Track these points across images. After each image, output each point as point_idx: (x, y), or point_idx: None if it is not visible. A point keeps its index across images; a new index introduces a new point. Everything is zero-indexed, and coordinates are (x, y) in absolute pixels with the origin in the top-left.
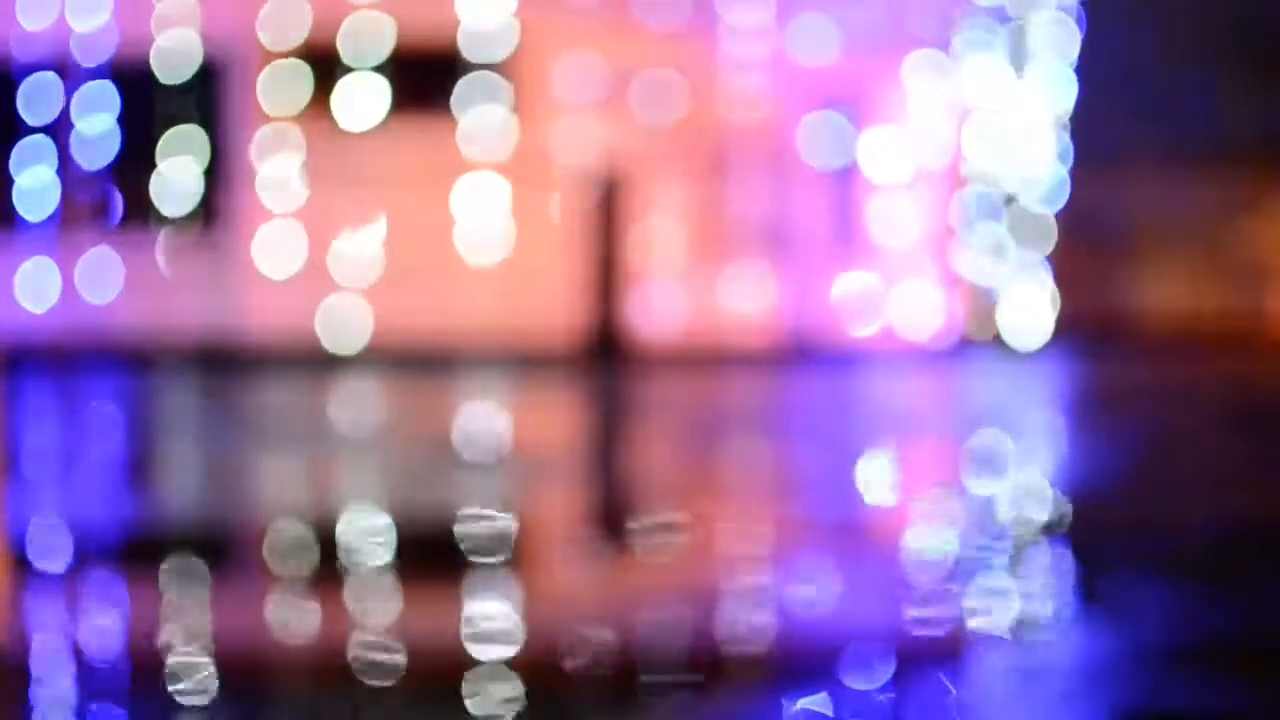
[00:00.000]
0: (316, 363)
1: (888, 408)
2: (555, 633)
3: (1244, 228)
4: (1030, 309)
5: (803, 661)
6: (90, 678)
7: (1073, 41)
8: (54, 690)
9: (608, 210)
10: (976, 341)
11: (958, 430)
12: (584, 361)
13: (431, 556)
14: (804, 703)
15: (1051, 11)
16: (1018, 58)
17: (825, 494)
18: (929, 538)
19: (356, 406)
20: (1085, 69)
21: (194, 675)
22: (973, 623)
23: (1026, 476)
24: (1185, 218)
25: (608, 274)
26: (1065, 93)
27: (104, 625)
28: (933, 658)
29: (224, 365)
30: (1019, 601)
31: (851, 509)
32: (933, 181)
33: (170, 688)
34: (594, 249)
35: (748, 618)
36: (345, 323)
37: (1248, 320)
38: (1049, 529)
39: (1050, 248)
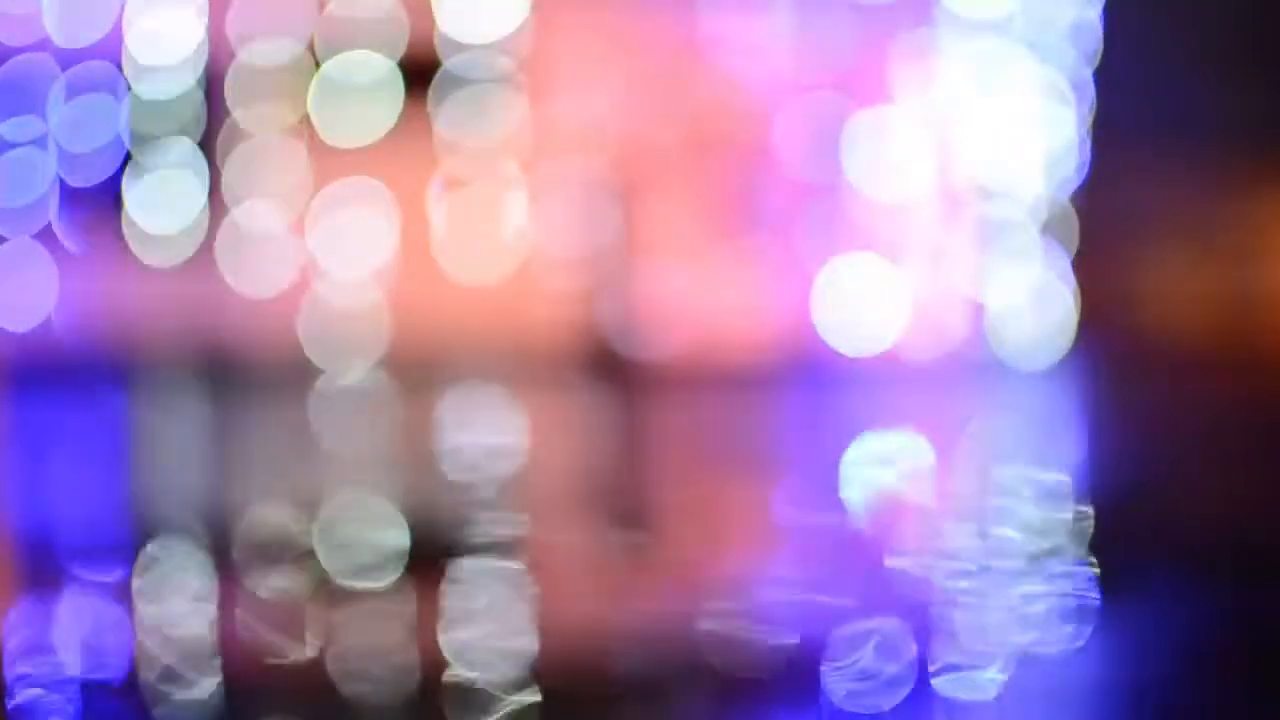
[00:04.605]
0: (312, 374)
1: (895, 418)
2: (557, 643)
3: (1259, 226)
4: (1046, 316)
5: (806, 677)
6: (84, 685)
7: (1091, 38)
8: (48, 696)
9: (610, 215)
10: (988, 349)
11: (970, 441)
12: (586, 368)
13: (430, 568)
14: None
15: (1067, 7)
16: (1030, 54)
17: (831, 505)
18: (941, 552)
19: (353, 418)
20: (1101, 67)
21: (188, 685)
22: (983, 637)
23: (1043, 488)
24: (1198, 214)
25: (610, 280)
26: (1081, 91)
27: (99, 633)
28: (942, 673)
29: (219, 376)
30: (1032, 617)
31: (860, 521)
32: (942, 185)
33: (164, 697)
34: (596, 254)
35: (751, 630)
36: (341, 333)
37: (1262, 319)
38: (1064, 541)
39: (1070, 251)
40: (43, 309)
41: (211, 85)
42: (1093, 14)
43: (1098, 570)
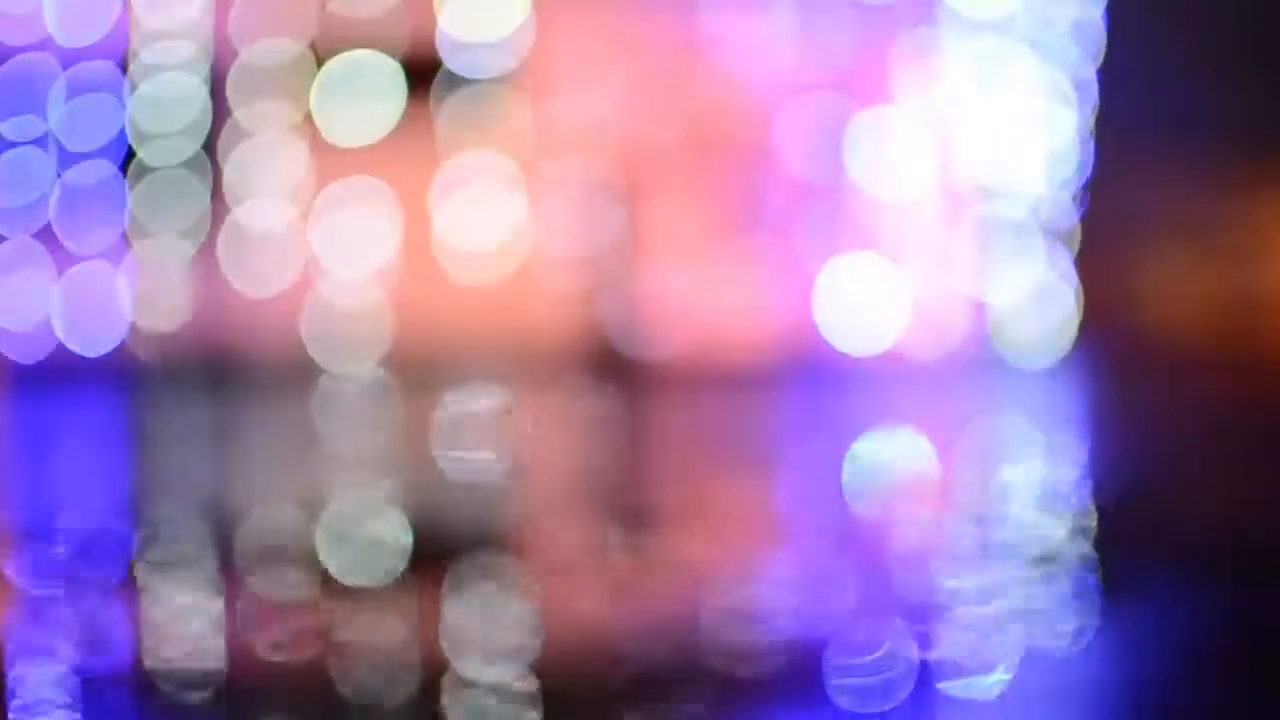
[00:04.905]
0: (314, 373)
1: (896, 417)
2: (557, 643)
3: (1256, 225)
4: (1047, 315)
5: (807, 677)
6: (85, 685)
7: (1093, 37)
8: (49, 696)
9: (612, 215)
10: (990, 348)
11: (971, 440)
12: (587, 368)
13: (431, 566)
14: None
15: (1069, 7)
16: (1032, 53)
17: (832, 504)
18: (942, 551)
19: (355, 417)
20: (1102, 67)
21: (190, 685)
22: (985, 637)
23: (1044, 487)
24: (1199, 214)
25: (612, 279)
26: (1083, 91)
27: (101, 633)
28: (944, 673)
29: (221, 375)
30: (1033, 616)
31: (861, 521)
32: (944, 185)
33: (165, 697)
34: (598, 254)
35: (752, 630)
36: (343, 332)
37: (1262, 319)
38: (1066, 541)
39: (1071, 251)
40: (43, 308)
41: (214, 84)
42: (1095, 13)
43: (1099, 570)
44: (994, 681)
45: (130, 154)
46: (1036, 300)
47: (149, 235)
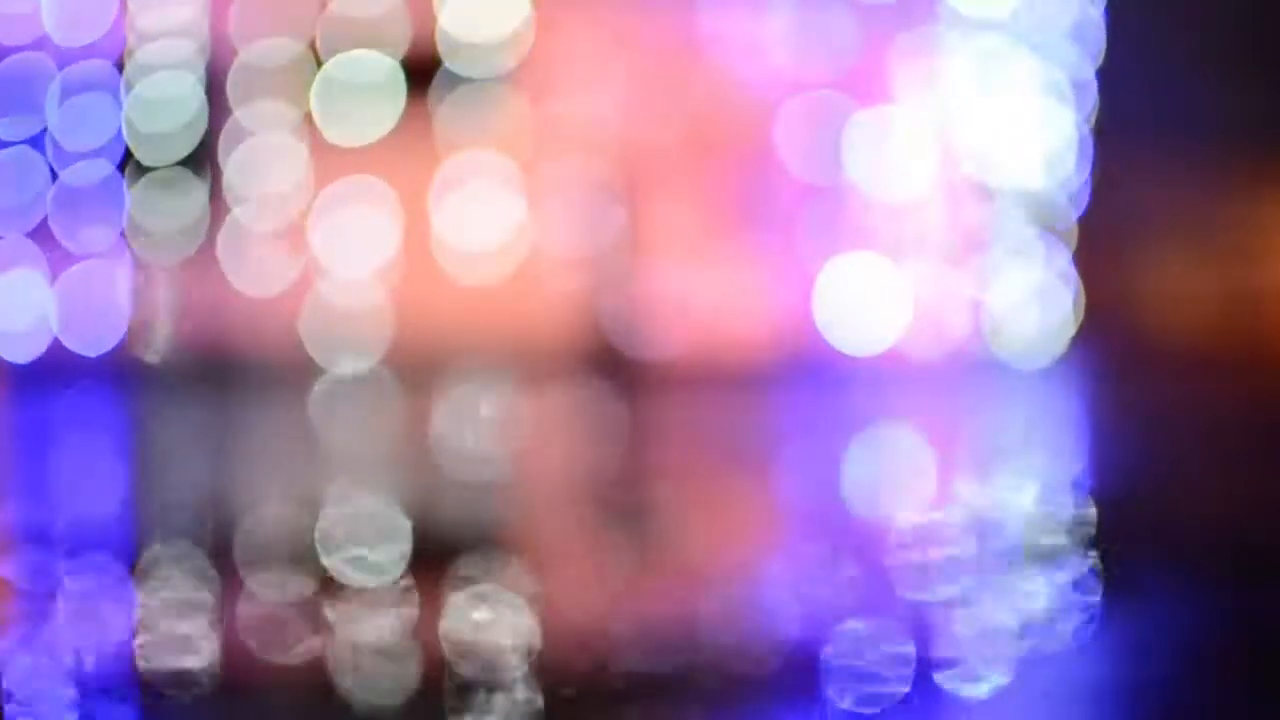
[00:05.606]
0: (313, 373)
1: (895, 417)
2: (557, 642)
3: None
4: (1046, 315)
5: (806, 677)
6: (84, 685)
7: (1093, 37)
8: (48, 697)
9: (612, 214)
10: (989, 348)
11: (970, 439)
12: (588, 367)
13: (431, 566)
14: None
15: (1070, 6)
16: (1032, 53)
17: (832, 503)
18: (941, 551)
19: (354, 417)
20: (1102, 66)
21: (189, 685)
22: (983, 637)
23: (1043, 487)
24: (1199, 213)
25: (612, 278)
26: (1083, 90)
27: (99, 633)
28: (943, 673)
29: (221, 375)
30: (1032, 616)
31: (861, 520)
32: (943, 184)
33: (164, 698)
34: (598, 253)
35: (752, 629)
36: (343, 332)
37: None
38: (1064, 541)
39: (1070, 250)
40: (41, 308)
41: (213, 84)
42: (1095, 13)
43: (1098, 570)
44: (993, 681)
45: (128, 153)
46: (1035, 300)
47: (147, 235)
